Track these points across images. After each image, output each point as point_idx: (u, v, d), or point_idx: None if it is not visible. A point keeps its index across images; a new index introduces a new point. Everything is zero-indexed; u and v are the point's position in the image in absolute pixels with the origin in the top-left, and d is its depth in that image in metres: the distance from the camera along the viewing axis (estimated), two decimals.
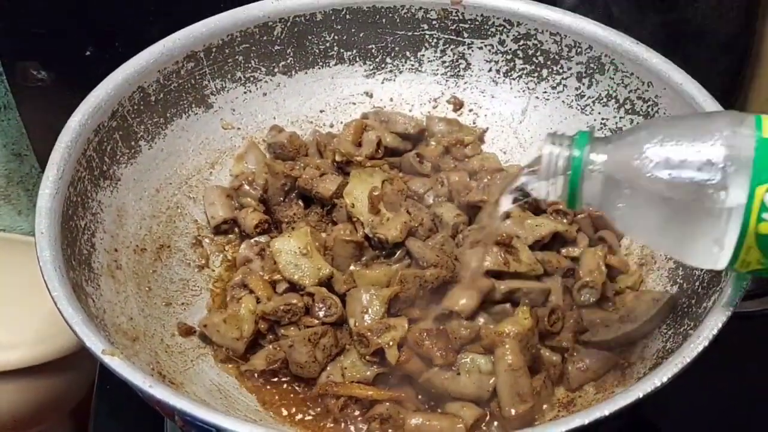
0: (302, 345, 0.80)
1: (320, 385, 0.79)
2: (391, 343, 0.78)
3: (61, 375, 1.33)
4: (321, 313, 0.82)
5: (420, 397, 0.79)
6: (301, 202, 0.94)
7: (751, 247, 0.60)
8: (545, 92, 1.02)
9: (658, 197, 0.61)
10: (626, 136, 0.64)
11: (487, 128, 1.04)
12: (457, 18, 1.01)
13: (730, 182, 0.59)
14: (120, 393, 0.95)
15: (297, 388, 0.81)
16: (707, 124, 0.62)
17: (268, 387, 0.81)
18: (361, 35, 1.03)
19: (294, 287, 0.84)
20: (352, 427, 0.77)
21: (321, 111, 1.05)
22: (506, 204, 0.70)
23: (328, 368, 0.80)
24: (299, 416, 0.79)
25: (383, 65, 1.05)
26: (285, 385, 0.81)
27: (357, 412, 0.77)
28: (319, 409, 0.79)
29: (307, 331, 0.80)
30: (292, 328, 0.82)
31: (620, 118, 0.97)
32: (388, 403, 0.76)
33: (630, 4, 1.10)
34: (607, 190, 0.63)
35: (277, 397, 0.80)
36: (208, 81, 0.98)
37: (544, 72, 1.01)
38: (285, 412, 0.79)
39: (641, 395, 0.63)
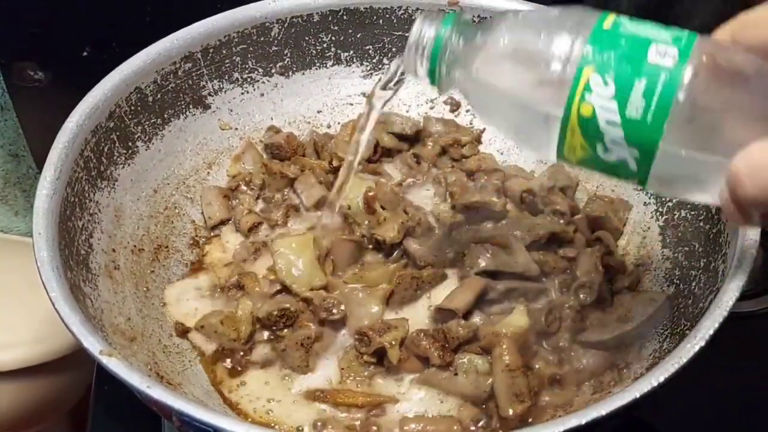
0: (294, 349, 0.80)
1: (309, 391, 0.79)
2: (393, 343, 0.78)
3: (59, 375, 1.33)
4: (324, 314, 0.82)
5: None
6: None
7: (575, 129, 0.61)
8: None
9: (501, 76, 0.64)
10: (489, 20, 0.66)
11: (484, 129, 1.04)
12: None
13: (562, 65, 0.60)
14: (118, 393, 0.95)
15: None
16: (562, 13, 0.63)
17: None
18: (358, 36, 1.03)
19: (287, 290, 0.84)
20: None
21: (318, 111, 1.05)
22: (381, 93, 0.75)
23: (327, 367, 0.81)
24: None
25: (380, 66, 1.05)
26: None
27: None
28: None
29: (300, 334, 0.80)
30: (286, 330, 0.82)
31: None
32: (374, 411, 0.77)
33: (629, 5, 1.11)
34: (464, 71, 0.66)
35: None
36: (206, 82, 0.98)
37: None
38: None
39: (638, 395, 0.63)
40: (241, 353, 0.82)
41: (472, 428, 0.75)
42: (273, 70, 1.02)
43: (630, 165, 0.61)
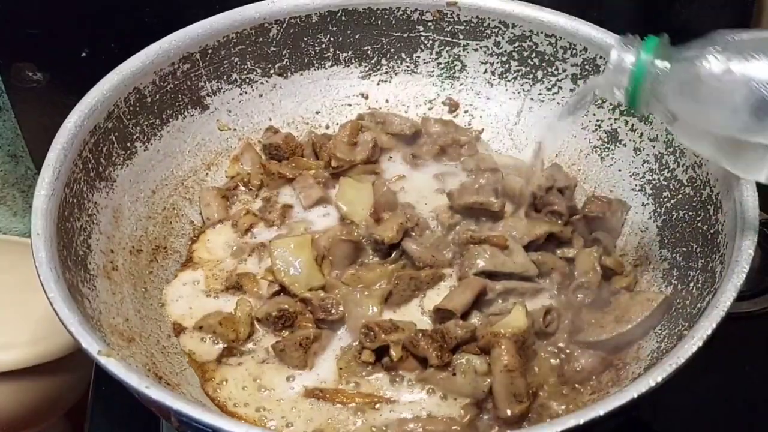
0: (293, 349, 0.80)
1: (308, 390, 0.79)
2: (397, 342, 0.78)
3: (57, 376, 1.33)
4: (322, 314, 0.82)
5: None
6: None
7: None
8: (540, 94, 1.02)
9: (715, 106, 0.64)
10: (692, 45, 0.66)
11: (483, 129, 1.04)
12: (452, 20, 1.01)
13: None
14: (116, 394, 0.95)
15: None
16: None
17: None
18: (356, 37, 1.03)
19: (286, 290, 0.84)
20: None
21: (317, 112, 1.05)
22: (572, 108, 0.76)
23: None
24: None
25: (379, 67, 1.05)
26: None
27: None
28: None
29: (299, 334, 0.80)
30: (285, 330, 0.83)
31: (615, 119, 0.97)
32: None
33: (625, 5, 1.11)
34: (667, 96, 0.66)
35: None
36: (204, 82, 0.98)
37: (539, 74, 1.01)
38: None
39: (636, 395, 0.64)
40: (240, 353, 0.82)
41: (471, 429, 0.75)
42: (271, 71, 1.02)
43: None
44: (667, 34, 0.69)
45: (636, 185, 0.94)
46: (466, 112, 1.05)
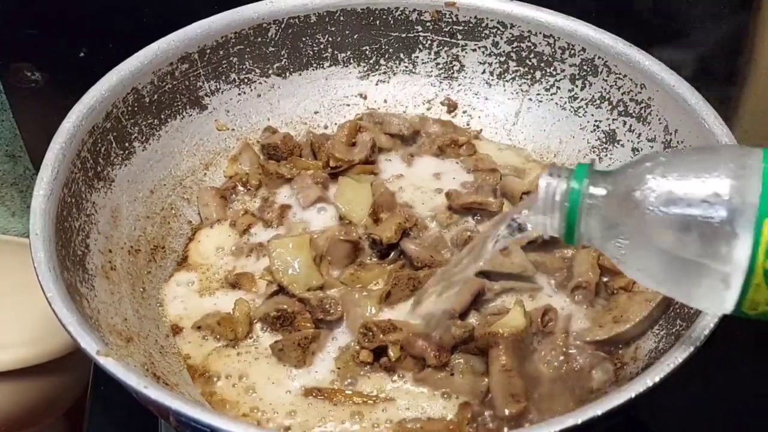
0: (292, 349, 0.80)
1: (307, 389, 0.79)
2: (395, 343, 0.78)
3: (55, 376, 1.32)
4: (321, 315, 0.82)
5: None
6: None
7: (760, 285, 0.57)
8: (539, 94, 1.02)
9: (660, 234, 0.58)
10: (627, 169, 0.61)
11: (481, 130, 1.04)
12: (450, 20, 1.02)
13: (736, 216, 0.56)
14: (115, 394, 0.95)
15: None
16: (712, 157, 0.59)
17: None
18: (355, 37, 1.03)
19: (284, 290, 0.84)
20: None
21: (315, 112, 1.05)
22: (499, 242, 0.68)
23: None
24: None
25: (377, 67, 1.05)
26: None
27: None
28: None
29: (298, 335, 0.80)
30: (283, 330, 0.83)
31: (613, 120, 0.97)
32: None
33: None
34: (606, 227, 0.61)
35: None
36: (203, 82, 0.98)
37: (538, 74, 1.01)
38: None
39: (634, 395, 0.64)
40: (238, 352, 0.82)
41: (469, 429, 0.75)
42: (270, 71, 1.02)
43: None
44: (596, 158, 0.63)
45: None
46: (464, 112, 1.05)
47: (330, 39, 1.02)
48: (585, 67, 0.98)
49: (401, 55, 1.04)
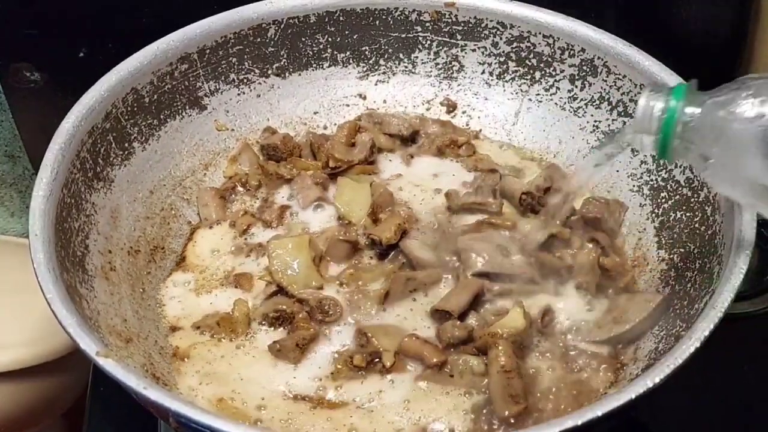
0: (290, 349, 0.80)
1: (304, 390, 0.79)
2: (389, 348, 0.78)
3: (55, 377, 1.32)
4: (320, 315, 0.82)
5: None
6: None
7: None
8: (538, 94, 1.02)
9: (750, 151, 0.63)
10: (722, 90, 0.65)
11: (481, 130, 1.04)
12: (450, 20, 1.02)
13: None
14: (114, 395, 0.95)
15: None
16: None
17: None
18: (354, 37, 1.03)
19: (283, 291, 0.84)
20: None
21: (315, 112, 1.05)
22: (596, 159, 0.75)
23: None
24: None
25: (377, 67, 1.05)
26: None
27: None
28: None
29: (297, 335, 0.80)
30: (282, 330, 0.83)
31: (613, 120, 0.97)
32: None
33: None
34: (699, 144, 0.66)
35: None
36: (202, 82, 0.98)
37: (537, 74, 1.01)
38: None
39: (634, 396, 0.64)
40: (236, 352, 0.82)
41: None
42: (269, 71, 1.02)
43: None
44: (696, 80, 0.68)
45: (634, 186, 0.94)
46: (464, 112, 1.05)
47: (329, 39, 1.02)
48: (584, 68, 0.98)
49: (401, 56, 1.04)
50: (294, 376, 0.79)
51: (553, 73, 1.00)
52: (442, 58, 1.04)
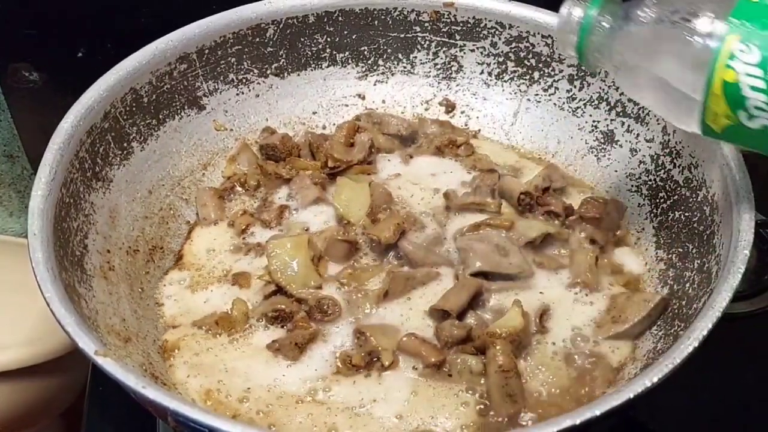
0: (289, 349, 0.80)
1: (302, 389, 0.79)
2: (387, 348, 0.79)
3: (53, 377, 1.32)
4: (319, 315, 0.82)
5: None
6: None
7: (718, 96, 0.65)
8: (537, 95, 1.02)
9: (650, 47, 0.68)
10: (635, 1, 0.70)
11: (479, 130, 1.04)
12: (449, 20, 1.02)
13: (708, 30, 0.65)
14: (112, 395, 0.95)
15: None
16: None
17: None
18: (353, 37, 1.03)
19: (282, 290, 0.84)
20: None
21: (313, 112, 1.05)
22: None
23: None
24: None
25: (375, 67, 1.05)
26: None
27: None
28: None
29: (296, 334, 0.80)
30: (281, 329, 0.83)
31: (611, 120, 0.97)
32: None
33: None
34: (612, 49, 0.71)
35: None
36: (201, 82, 0.98)
37: (536, 74, 1.01)
38: None
39: (632, 395, 0.64)
40: (235, 351, 0.82)
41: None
42: (268, 71, 1.02)
43: None
44: None
45: (632, 186, 0.94)
46: (462, 112, 1.05)
47: (328, 39, 1.02)
48: (583, 68, 0.98)
49: (399, 56, 1.05)
50: (283, 374, 0.79)
51: (552, 73, 1.00)
52: (441, 59, 1.04)
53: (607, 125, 0.98)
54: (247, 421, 0.75)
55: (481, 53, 1.03)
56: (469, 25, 1.02)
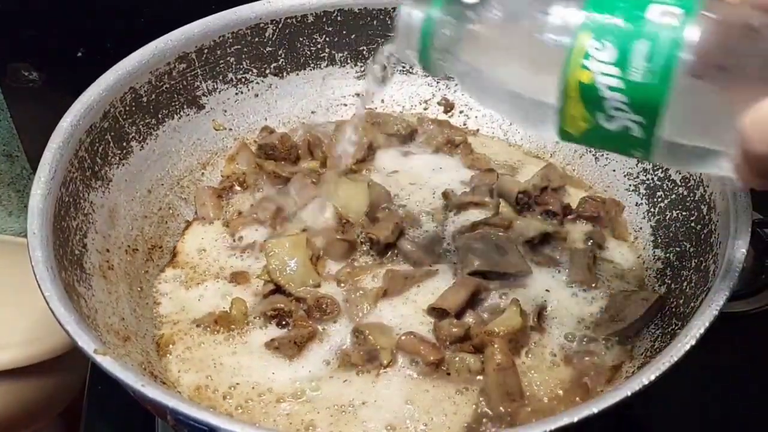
0: (288, 348, 0.80)
1: (302, 390, 0.79)
2: (385, 346, 0.79)
3: (52, 376, 1.32)
4: (318, 314, 0.82)
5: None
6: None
7: (574, 98, 0.59)
8: None
9: (500, 49, 0.62)
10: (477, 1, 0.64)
11: (478, 129, 1.04)
12: None
13: (559, 28, 0.59)
14: (111, 394, 0.95)
15: None
16: None
17: None
18: (352, 37, 1.03)
19: (281, 289, 0.85)
20: None
21: (312, 112, 1.05)
22: (377, 71, 0.73)
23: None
24: None
25: None
26: None
27: None
28: None
29: (295, 334, 0.80)
30: (280, 328, 0.83)
31: None
32: None
33: None
34: (456, 53, 0.64)
35: None
36: (200, 82, 0.98)
37: None
38: None
39: (629, 394, 0.64)
40: (234, 350, 0.82)
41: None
42: (267, 71, 1.02)
43: (634, 132, 0.58)
44: None
45: (630, 185, 0.95)
46: (461, 112, 1.06)
47: (327, 39, 1.03)
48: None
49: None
50: (273, 372, 0.79)
51: None
52: None
53: None
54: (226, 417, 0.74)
55: None
56: None
